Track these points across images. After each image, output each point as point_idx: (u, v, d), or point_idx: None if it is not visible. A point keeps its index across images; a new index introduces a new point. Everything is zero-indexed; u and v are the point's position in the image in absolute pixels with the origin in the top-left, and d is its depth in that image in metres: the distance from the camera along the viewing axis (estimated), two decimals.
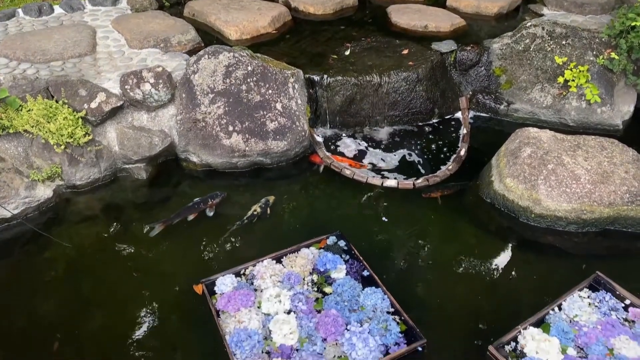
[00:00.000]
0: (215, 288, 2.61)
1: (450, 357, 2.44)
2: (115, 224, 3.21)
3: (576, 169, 3.08)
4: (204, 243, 3.06)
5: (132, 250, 3.01)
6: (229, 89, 3.55)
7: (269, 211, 3.26)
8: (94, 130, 3.46)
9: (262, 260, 2.76)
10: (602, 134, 3.63)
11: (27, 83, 3.40)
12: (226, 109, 3.52)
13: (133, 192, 3.48)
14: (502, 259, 3.00)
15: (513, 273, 2.91)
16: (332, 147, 3.85)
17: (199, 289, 2.66)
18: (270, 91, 3.56)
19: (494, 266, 2.94)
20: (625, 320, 2.56)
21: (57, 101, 3.34)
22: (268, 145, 3.51)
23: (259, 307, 2.51)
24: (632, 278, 2.80)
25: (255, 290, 2.62)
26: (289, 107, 3.58)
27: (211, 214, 3.23)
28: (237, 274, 2.71)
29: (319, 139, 3.86)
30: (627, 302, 2.63)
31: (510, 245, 3.11)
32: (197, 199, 3.28)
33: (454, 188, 3.46)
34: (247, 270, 2.73)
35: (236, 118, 3.51)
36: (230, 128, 3.48)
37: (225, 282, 2.63)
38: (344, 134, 3.99)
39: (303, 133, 3.60)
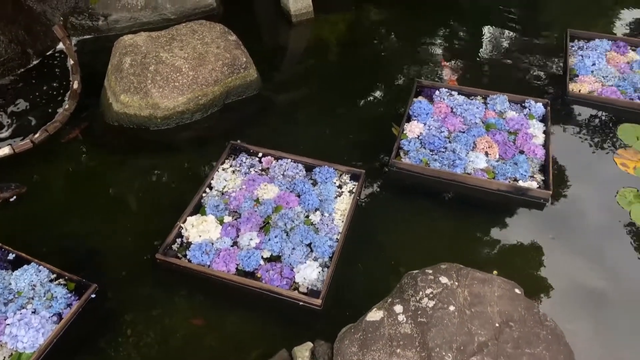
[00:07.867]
0: None
1: (127, 285, 2.45)
2: None
3: (176, 61, 3.21)
4: None
5: None
6: None
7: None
8: None
9: None
10: (204, 18, 3.74)
11: None
12: None
13: None
14: (142, 172, 3.03)
15: (160, 173, 3.00)
16: None
17: None
18: None
19: (140, 184, 2.97)
20: (262, 170, 2.96)
21: None
22: None
23: None
24: (262, 134, 3.19)
25: None
26: None
27: None
28: None
29: None
30: (260, 155, 3.02)
31: (142, 155, 3.13)
32: None
33: (86, 120, 3.28)
34: None
35: None
36: None
37: None
38: None
39: None
